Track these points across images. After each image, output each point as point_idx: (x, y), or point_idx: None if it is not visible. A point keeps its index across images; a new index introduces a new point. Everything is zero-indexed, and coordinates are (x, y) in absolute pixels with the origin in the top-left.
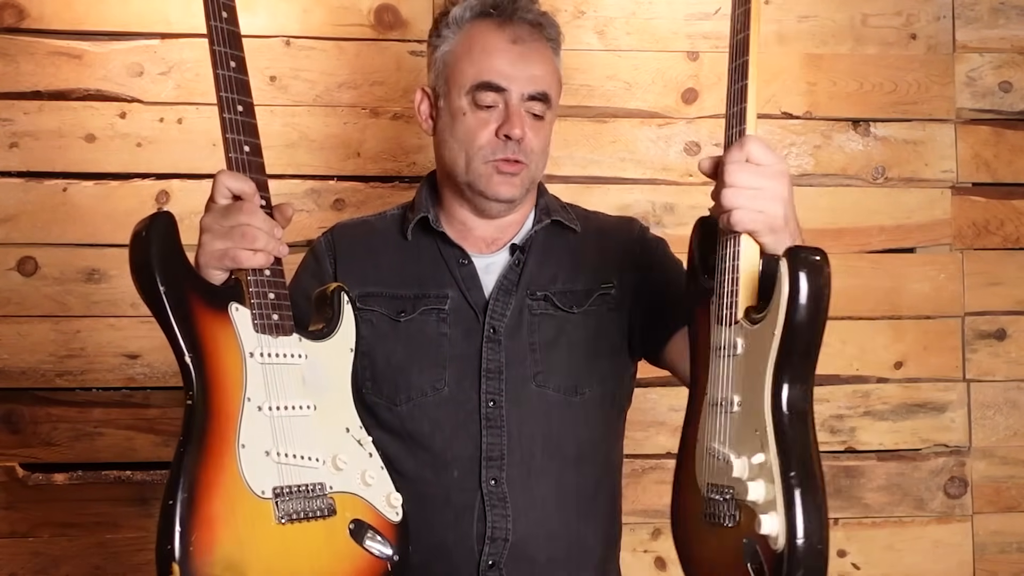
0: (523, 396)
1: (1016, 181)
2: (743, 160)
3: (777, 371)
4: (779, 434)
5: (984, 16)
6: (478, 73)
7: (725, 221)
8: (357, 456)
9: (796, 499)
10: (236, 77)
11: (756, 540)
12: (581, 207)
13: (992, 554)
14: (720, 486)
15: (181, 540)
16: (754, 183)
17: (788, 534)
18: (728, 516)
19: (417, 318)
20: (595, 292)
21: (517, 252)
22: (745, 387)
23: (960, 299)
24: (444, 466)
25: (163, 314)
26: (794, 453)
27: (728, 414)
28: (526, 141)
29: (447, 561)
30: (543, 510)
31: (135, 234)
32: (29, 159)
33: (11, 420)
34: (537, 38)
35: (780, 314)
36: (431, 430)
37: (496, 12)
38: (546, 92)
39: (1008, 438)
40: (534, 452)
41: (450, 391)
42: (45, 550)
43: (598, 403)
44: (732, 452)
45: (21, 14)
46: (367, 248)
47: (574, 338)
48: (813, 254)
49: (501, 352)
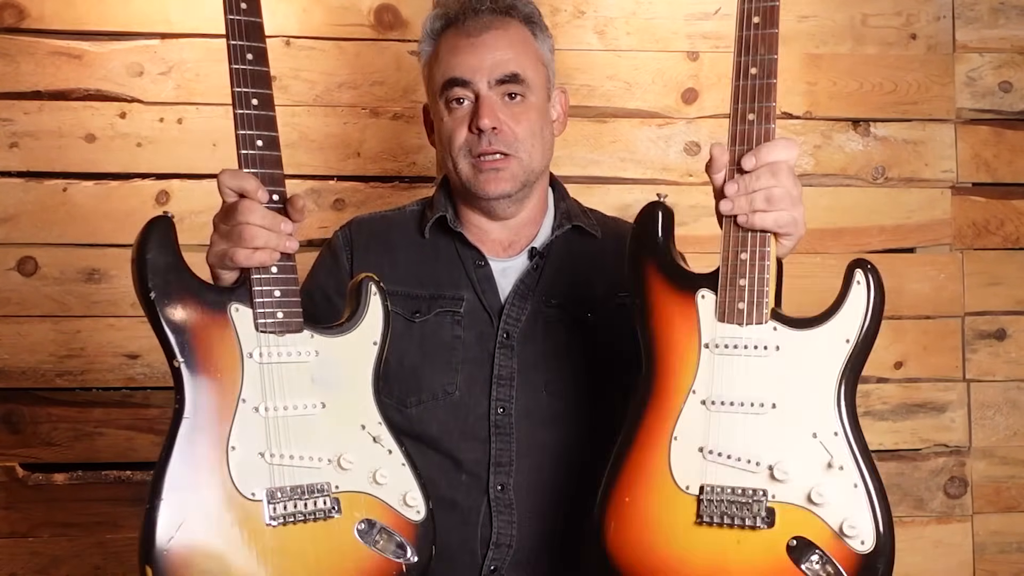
0: (533, 404)
1: (1016, 181)
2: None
3: (847, 377)
4: (855, 437)
5: (984, 16)
6: (443, 73)
7: (769, 222)
8: (369, 454)
9: (875, 497)
10: (253, 70)
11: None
12: (600, 212)
13: (992, 554)
14: (742, 488)
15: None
16: (795, 190)
17: (876, 531)
18: (758, 518)
19: (432, 319)
20: (611, 301)
21: (536, 257)
22: (789, 390)
23: (960, 299)
24: (452, 469)
25: (154, 319)
26: (866, 454)
27: (756, 415)
28: (505, 130)
29: (450, 564)
30: (548, 519)
31: (136, 240)
32: (29, 159)
33: (11, 420)
34: (502, 24)
35: (857, 323)
36: (440, 434)
37: (457, 17)
38: (515, 72)
39: (1008, 438)
40: (542, 461)
41: (460, 395)
42: (45, 550)
43: (609, 414)
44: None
45: (21, 14)
46: (384, 244)
47: (588, 347)
48: (876, 267)
49: (514, 358)
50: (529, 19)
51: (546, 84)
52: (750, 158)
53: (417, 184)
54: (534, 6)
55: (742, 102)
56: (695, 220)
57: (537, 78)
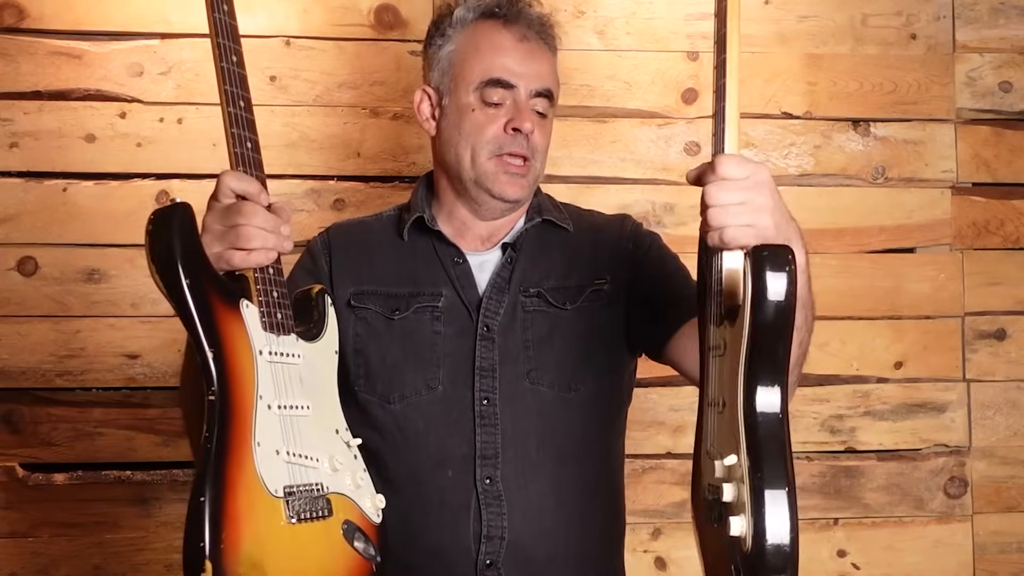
0: (517, 393)
1: (1016, 181)
2: (719, 179)
3: (748, 371)
4: (749, 434)
5: (984, 16)
6: (487, 70)
7: (717, 239)
8: (348, 457)
9: (763, 501)
10: (239, 72)
11: (732, 541)
12: (576, 206)
13: (992, 554)
14: (712, 486)
15: (212, 537)
16: (735, 199)
17: (755, 535)
18: (717, 516)
19: (411, 316)
20: (588, 288)
21: (508, 250)
22: (728, 388)
23: (960, 299)
24: (438, 465)
25: (185, 309)
26: (763, 454)
27: (718, 414)
28: (533, 137)
29: (444, 561)
30: (539, 508)
31: (155, 225)
32: (29, 159)
33: (11, 420)
34: (540, 37)
35: (747, 313)
36: (424, 429)
37: (501, 12)
38: (551, 89)
39: (1008, 438)
40: (528, 450)
41: (444, 390)
42: (45, 550)
43: (594, 399)
44: (717, 453)
45: (21, 14)
46: (362, 247)
47: (567, 334)
48: (776, 251)
49: (495, 350)
50: (553, 39)
51: (557, 103)
52: None
53: None
54: (555, 28)
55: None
56: (695, 220)
57: (557, 99)
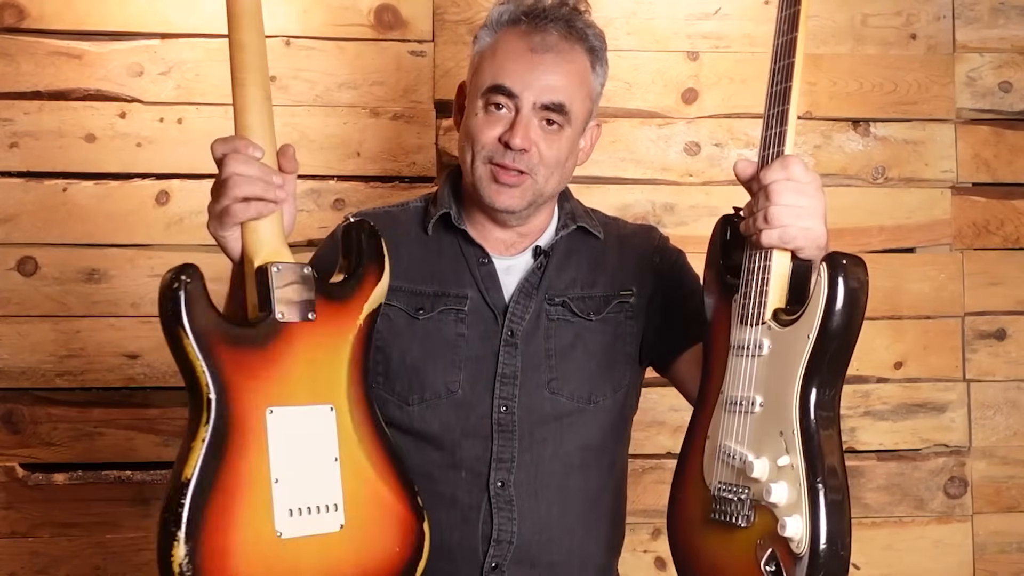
0: (536, 402)
1: (1016, 181)
2: (786, 179)
3: (808, 375)
4: (807, 437)
5: (984, 16)
6: (493, 76)
7: (775, 239)
8: None
9: (821, 503)
10: None
11: (774, 541)
12: (602, 212)
13: (992, 554)
14: (734, 485)
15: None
16: (799, 202)
17: (812, 538)
18: (742, 516)
19: (435, 317)
20: (613, 299)
21: (541, 256)
22: (770, 388)
23: (960, 299)
24: (452, 466)
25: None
26: (821, 457)
27: (748, 414)
28: (532, 152)
29: (450, 561)
30: (548, 515)
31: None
32: (29, 159)
33: (11, 420)
34: (568, 48)
35: (816, 318)
36: (441, 432)
37: (527, 19)
38: (562, 103)
39: (1008, 438)
40: (543, 457)
41: (464, 394)
42: (45, 550)
43: (609, 411)
44: (751, 452)
45: (21, 14)
46: (388, 240)
47: (591, 346)
48: (853, 261)
49: (517, 356)
50: (593, 51)
51: (586, 119)
52: (756, 181)
53: (417, 184)
54: (603, 39)
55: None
56: (695, 220)
57: (581, 112)
